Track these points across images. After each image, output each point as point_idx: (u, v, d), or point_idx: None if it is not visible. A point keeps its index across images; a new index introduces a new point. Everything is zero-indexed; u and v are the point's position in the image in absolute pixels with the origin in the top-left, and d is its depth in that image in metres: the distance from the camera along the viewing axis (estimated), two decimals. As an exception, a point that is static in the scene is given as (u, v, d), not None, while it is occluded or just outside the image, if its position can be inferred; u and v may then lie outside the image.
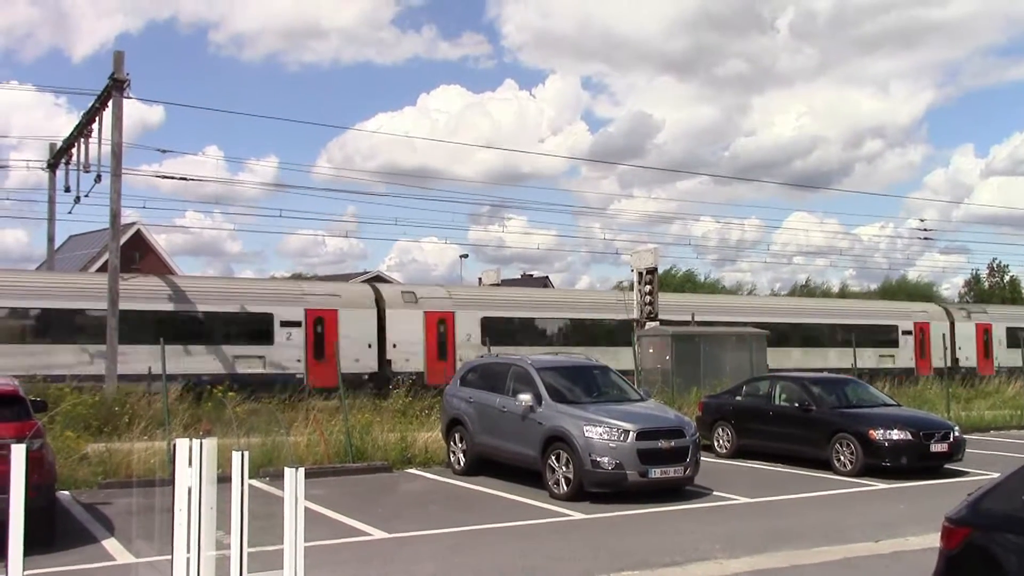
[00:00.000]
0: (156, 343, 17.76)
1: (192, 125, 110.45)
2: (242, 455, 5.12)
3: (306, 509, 11.82)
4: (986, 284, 72.76)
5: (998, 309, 44.89)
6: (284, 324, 27.00)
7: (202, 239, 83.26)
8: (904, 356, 37.37)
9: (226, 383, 19.21)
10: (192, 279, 29.68)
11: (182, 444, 5.44)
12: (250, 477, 13.40)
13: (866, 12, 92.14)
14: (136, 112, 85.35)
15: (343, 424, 16.38)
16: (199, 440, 5.42)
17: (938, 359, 36.63)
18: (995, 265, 72.28)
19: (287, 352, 26.92)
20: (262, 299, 27.52)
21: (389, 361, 28.30)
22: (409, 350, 28.75)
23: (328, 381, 23.55)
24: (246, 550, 5.22)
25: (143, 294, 25.57)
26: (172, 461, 5.68)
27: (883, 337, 37.00)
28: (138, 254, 39.06)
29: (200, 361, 25.39)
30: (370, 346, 28.02)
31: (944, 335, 37.95)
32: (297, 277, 51.89)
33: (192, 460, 5.40)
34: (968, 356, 38.79)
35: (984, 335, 39.63)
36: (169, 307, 26.03)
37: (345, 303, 28.30)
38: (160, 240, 42.55)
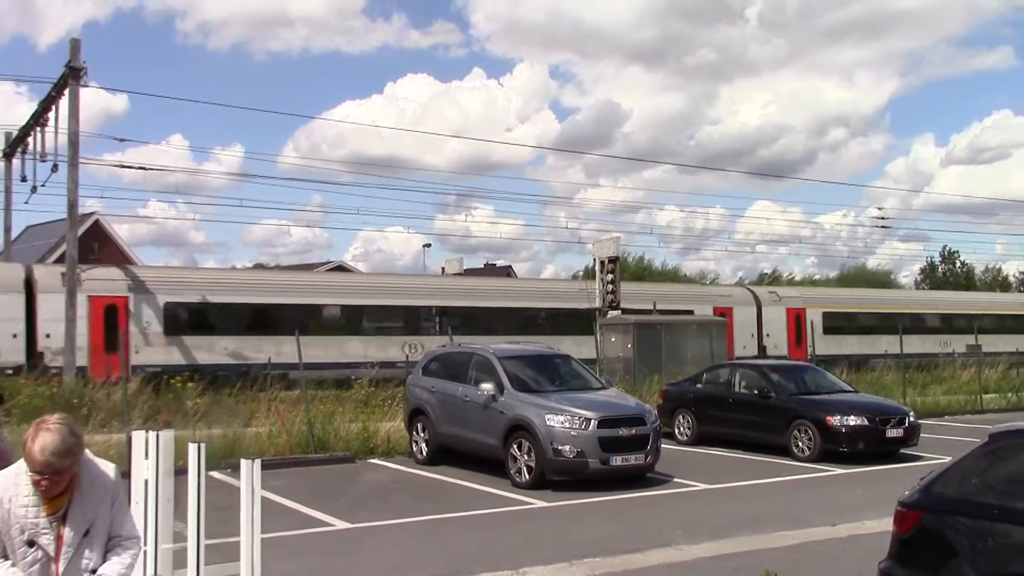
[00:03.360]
0: None
1: (157, 114, 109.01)
2: (198, 447, 5.08)
3: (268, 500, 11.81)
4: (940, 271, 73.87)
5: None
6: None
7: (165, 229, 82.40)
8: None
9: None
10: None
11: (138, 436, 5.40)
12: (211, 469, 13.36)
13: (833, 2, 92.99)
14: (100, 101, 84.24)
15: (305, 415, 16.31)
16: (156, 432, 5.37)
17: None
18: (946, 252, 73.41)
19: None
20: None
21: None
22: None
23: None
24: (203, 542, 5.19)
25: None
26: (129, 453, 5.64)
27: None
28: (97, 244, 38.54)
29: None
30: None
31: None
32: (260, 267, 51.39)
33: (148, 452, 5.35)
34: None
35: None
36: None
37: None
38: (121, 230, 42.01)
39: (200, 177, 73.31)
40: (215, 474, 13.09)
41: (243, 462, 5.17)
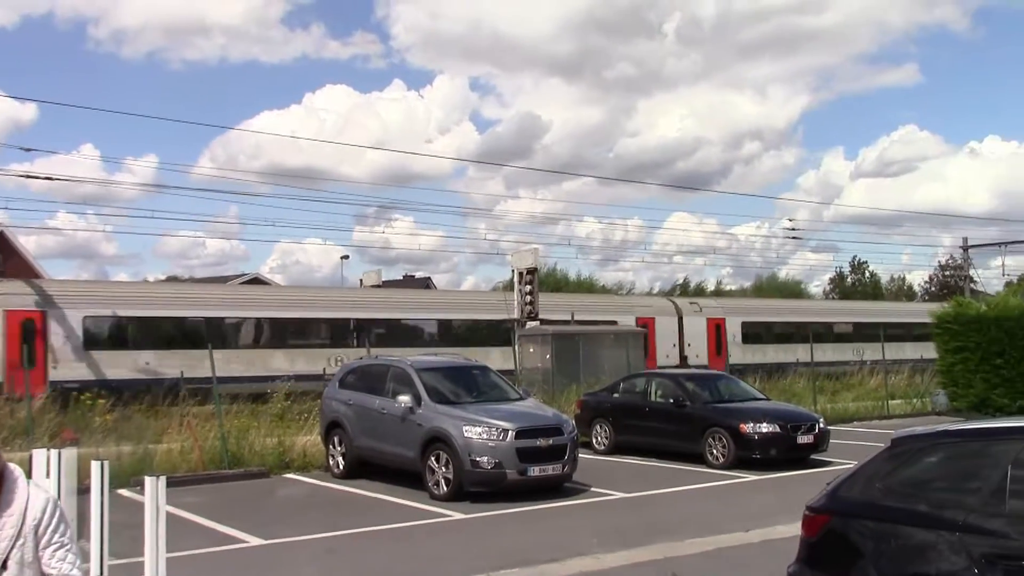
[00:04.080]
0: None
1: (67, 123, 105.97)
2: (101, 465, 4.95)
3: (180, 518, 11.57)
4: (849, 281, 75.90)
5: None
6: None
7: (75, 241, 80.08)
8: None
9: None
10: None
11: (39, 455, 5.23)
12: (120, 487, 13.01)
13: (747, 19, 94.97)
14: (7, 110, 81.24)
15: (219, 430, 15.99)
16: (58, 450, 5.21)
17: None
18: (855, 263, 75.50)
19: None
20: None
21: None
22: None
23: None
24: (107, 562, 5.05)
25: None
26: (30, 473, 5.45)
27: None
28: (1, 257, 37.28)
29: None
30: None
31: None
32: (173, 279, 50.30)
33: (50, 471, 5.19)
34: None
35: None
36: None
37: None
38: (28, 243, 40.72)
39: (112, 188, 71.43)
40: (124, 492, 12.78)
41: (147, 479, 5.05)
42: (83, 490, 5.43)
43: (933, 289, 72.17)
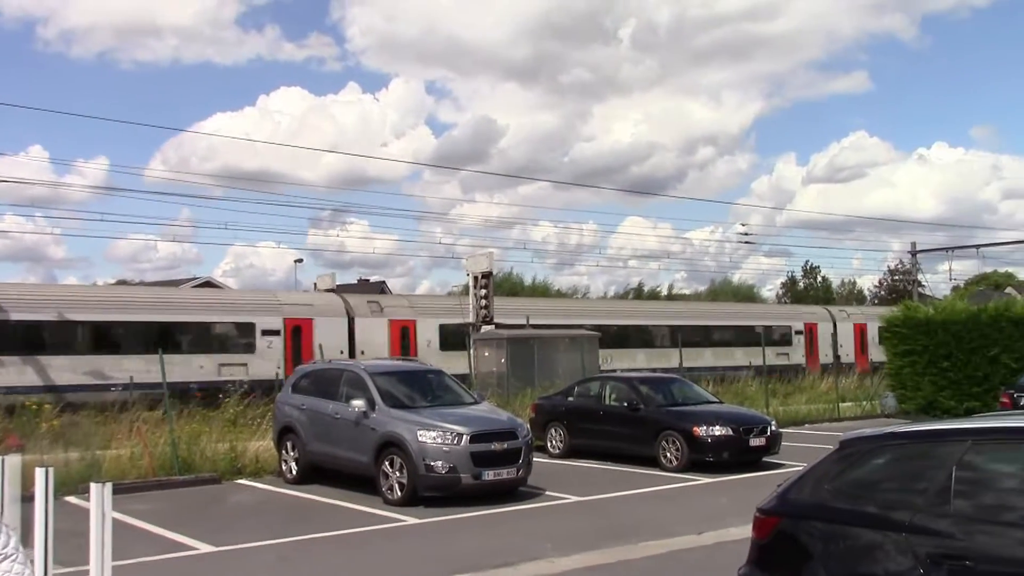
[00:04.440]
0: None
1: (14, 124, 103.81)
2: (46, 471, 4.86)
3: (129, 525, 11.40)
4: (801, 285, 76.88)
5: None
6: None
7: (23, 244, 78.59)
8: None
9: None
10: None
11: (-19, 462, 5.12)
12: (68, 494, 12.79)
13: (701, 25, 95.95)
14: (-50, 110, 79.61)
15: (169, 435, 15.77)
16: (2, 457, 5.11)
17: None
18: (807, 267, 76.51)
19: None
20: None
21: None
22: None
23: None
24: (51, 570, 4.95)
25: None
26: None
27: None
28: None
29: None
30: None
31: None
32: (122, 283, 49.61)
33: (-7, 478, 5.09)
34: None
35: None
36: None
37: None
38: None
39: (61, 190, 70.34)
40: (72, 499, 12.57)
41: (93, 486, 4.98)
42: (28, 498, 5.33)
43: (883, 293, 73.34)
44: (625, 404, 17.23)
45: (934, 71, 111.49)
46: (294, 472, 14.93)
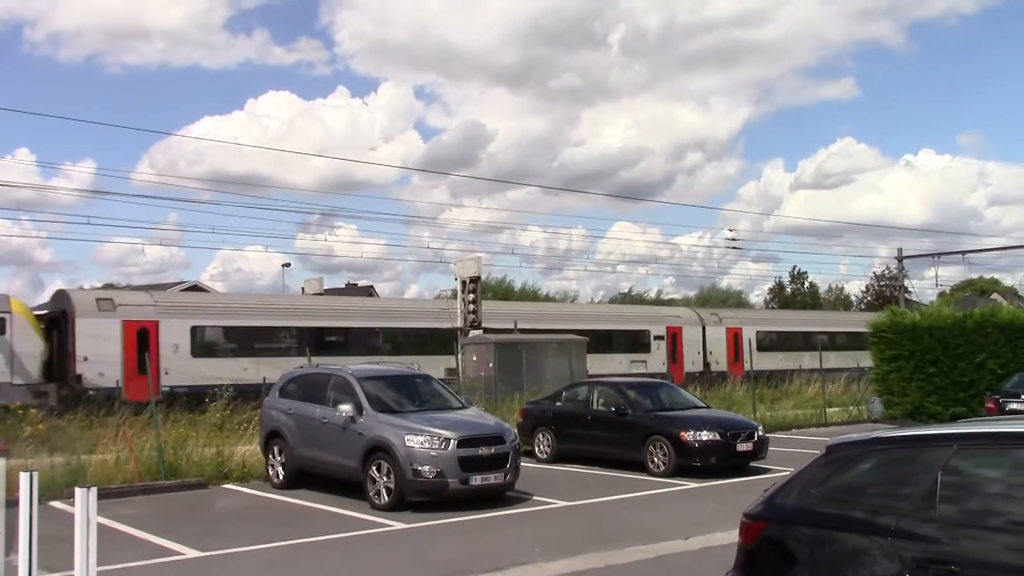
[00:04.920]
0: None
1: (1, 127, 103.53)
2: (30, 476, 4.83)
3: (115, 530, 11.35)
4: (789, 290, 77.10)
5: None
6: None
7: (9, 247, 78.25)
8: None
9: None
10: None
11: (-35, 467, 5.09)
12: (54, 499, 12.73)
13: (690, 31, 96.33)
14: (-63, 111, 79.07)
15: (155, 440, 15.70)
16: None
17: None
18: (795, 273, 76.76)
19: None
20: None
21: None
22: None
23: None
24: (35, 575, 4.93)
25: None
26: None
27: None
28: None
29: None
30: None
31: None
32: (109, 287, 49.36)
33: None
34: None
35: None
36: None
37: None
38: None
39: (48, 193, 70.03)
40: (57, 504, 12.51)
41: (78, 490, 4.95)
42: (12, 503, 5.29)
43: (869, 299, 73.60)
44: (613, 409, 17.24)
45: (921, 78, 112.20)
46: (281, 477, 14.88)
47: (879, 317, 27.48)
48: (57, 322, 27.26)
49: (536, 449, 18.20)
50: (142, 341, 26.77)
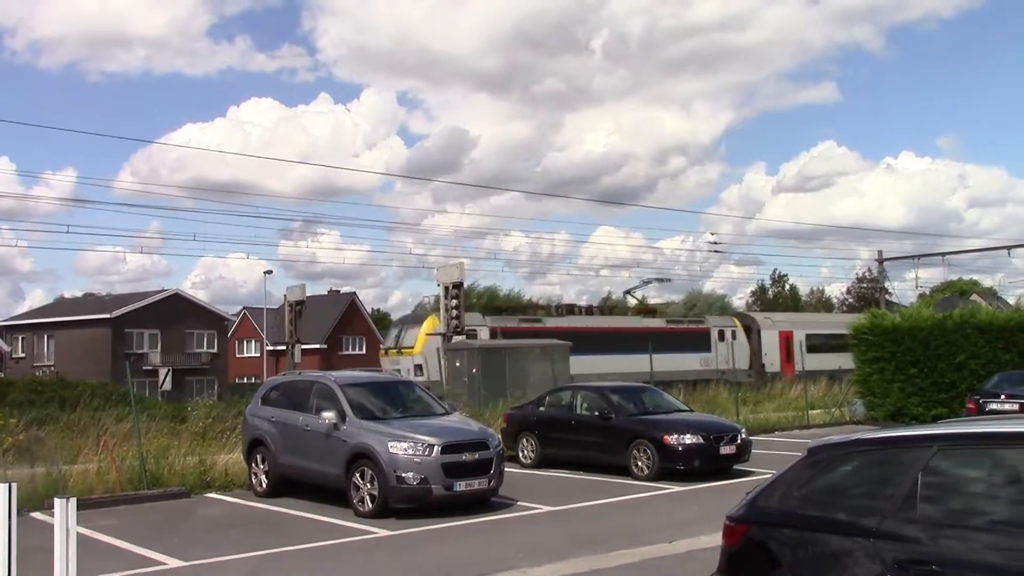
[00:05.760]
0: None
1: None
2: (8, 487, 4.79)
3: (96, 540, 11.28)
4: (770, 293, 77.48)
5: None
6: None
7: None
8: None
9: None
10: None
11: (-56, 478, 5.05)
12: (34, 510, 12.63)
13: (673, 36, 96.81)
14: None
15: (137, 449, 15.60)
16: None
17: None
18: (775, 276, 77.19)
19: None
20: None
21: None
22: None
23: None
24: (15, 588, 4.89)
25: None
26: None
27: None
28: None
29: None
30: None
31: None
32: (90, 295, 49.02)
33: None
34: None
35: None
36: None
37: None
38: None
39: (29, 202, 69.61)
40: (37, 515, 12.42)
41: (57, 501, 4.92)
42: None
43: (851, 301, 74.00)
44: (596, 413, 17.25)
45: (901, 82, 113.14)
46: (264, 485, 14.82)
47: (860, 319, 27.64)
48: (748, 331, 44.75)
49: (520, 454, 18.19)
50: (786, 343, 44.01)
